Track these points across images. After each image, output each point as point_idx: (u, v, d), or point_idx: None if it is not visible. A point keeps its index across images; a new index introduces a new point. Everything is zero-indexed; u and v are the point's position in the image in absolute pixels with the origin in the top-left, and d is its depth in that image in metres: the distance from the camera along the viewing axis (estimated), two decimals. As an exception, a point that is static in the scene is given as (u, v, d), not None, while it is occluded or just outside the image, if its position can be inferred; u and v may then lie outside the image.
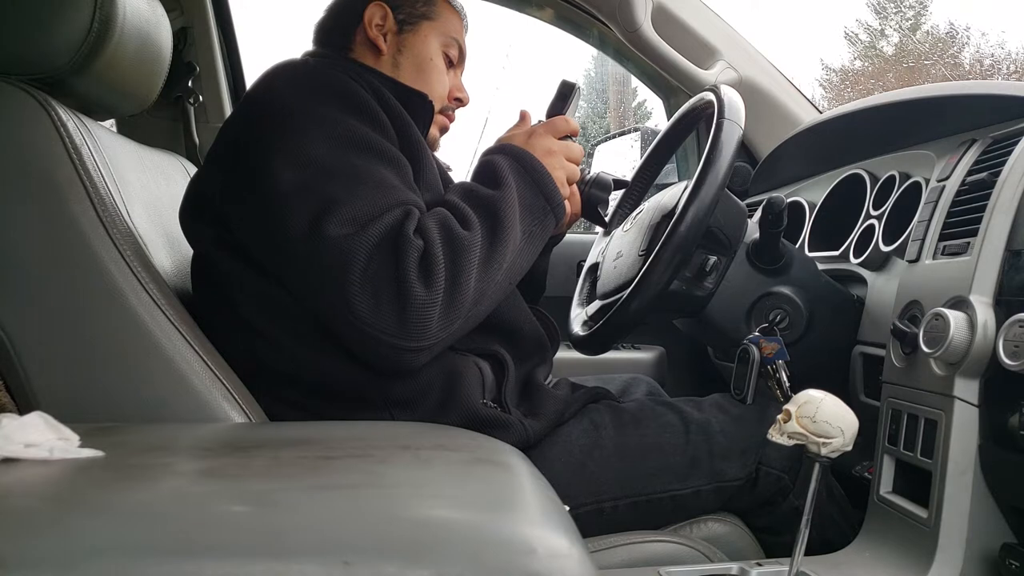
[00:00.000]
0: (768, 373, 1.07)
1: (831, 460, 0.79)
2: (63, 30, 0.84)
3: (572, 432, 1.02)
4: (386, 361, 0.86)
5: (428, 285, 0.82)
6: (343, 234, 0.83)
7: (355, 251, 0.82)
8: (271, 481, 0.54)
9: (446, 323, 0.84)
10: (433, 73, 1.10)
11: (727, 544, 1.04)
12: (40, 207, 0.80)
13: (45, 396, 0.80)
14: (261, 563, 0.40)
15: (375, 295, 0.82)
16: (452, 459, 0.64)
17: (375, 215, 0.84)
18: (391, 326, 0.82)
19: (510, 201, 0.91)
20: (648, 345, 1.79)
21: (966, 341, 0.86)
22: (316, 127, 0.89)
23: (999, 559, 0.85)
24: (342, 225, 0.83)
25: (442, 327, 0.84)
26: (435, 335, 0.84)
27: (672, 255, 0.99)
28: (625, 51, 1.75)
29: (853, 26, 14.58)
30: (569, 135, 1.03)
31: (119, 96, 0.98)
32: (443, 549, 0.42)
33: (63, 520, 0.44)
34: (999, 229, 0.90)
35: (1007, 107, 1.04)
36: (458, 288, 0.84)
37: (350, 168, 0.87)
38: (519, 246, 0.92)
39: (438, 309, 0.83)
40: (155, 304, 0.83)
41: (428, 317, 0.83)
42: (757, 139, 1.70)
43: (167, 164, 1.20)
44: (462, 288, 0.84)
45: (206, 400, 0.83)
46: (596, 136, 2.35)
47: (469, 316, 0.87)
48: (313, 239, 0.84)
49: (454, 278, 0.84)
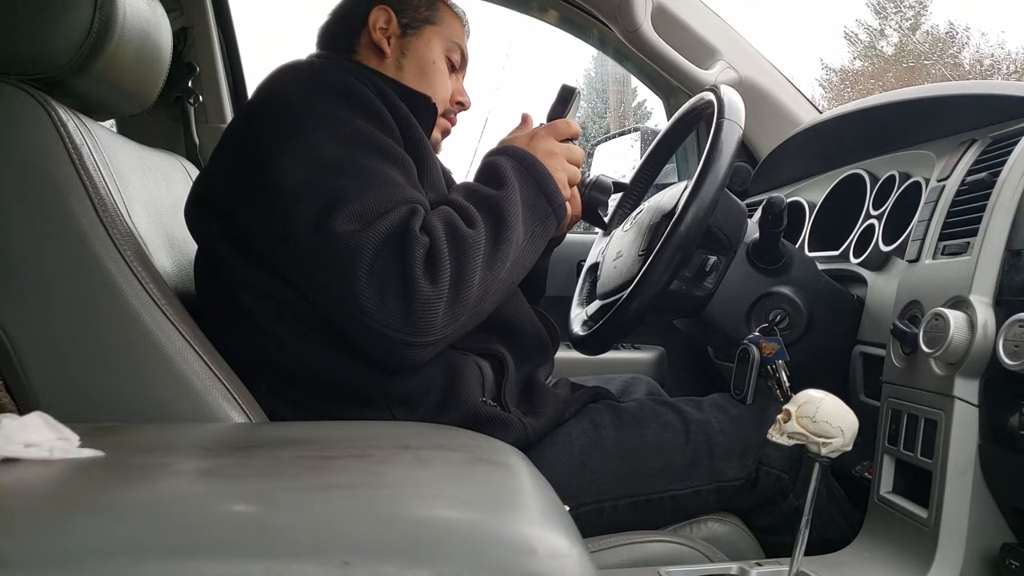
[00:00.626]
0: (768, 373, 1.07)
1: (831, 460, 0.79)
2: (63, 30, 0.84)
3: (572, 432, 1.02)
4: (391, 356, 0.87)
5: (433, 281, 0.83)
6: (350, 230, 0.83)
7: (362, 247, 0.83)
8: (270, 481, 0.54)
9: (451, 319, 0.85)
10: (436, 76, 1.11)
11: (727, 544, 1.04)
12: (40, 207, 0.80)
13: (45, 396, 0.80)
14: (260, 563, 0.40)
15: (381, 291, 0.83)
16: (452, 459, 0.64)
17: (381, 212, 0.85)
18: (396, 321, 0.83)
19: (513, 201, 0.92)
20: (648, 345, 1.79)
21: (966, 341, 0.86)
22: (323, 126, 0.90)
23: (999, 559, 0.85)
24: (349, 221, 0.84)
25: (447, 323, 0.85)
26: (440, 331, 0.85)
27: (672, 255, 1.00)
28: (625, 51, 1.75)
29: (853, 26, 14.60)
30: (570, 138, 1.04)
31: (119, 96, 0.98)
32: (443, 549, 0.42)
33: (63, 520, 0.44)
34: (999, 229, 0.90)
35: (1007, 107, 1.04)
36: (462, 285, 0.85)
37: (356, 166, 0.88)
38: (521, 245, 0.93)
39: (443, 305, 0.84)
40: (155, 304, 0.83)
41: (433, 313, 0.83)
42: (757, 139, 1.70)
43: (167, 164, 1.20)
44: (466, 285, 0.85)
45: (206, 400, 0.83)
46: (596, 136, 2.35)
47: (473, 313, 0.88)
48: (320, 235, 0.84)
49: (459, 275, 0.85)
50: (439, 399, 0.94)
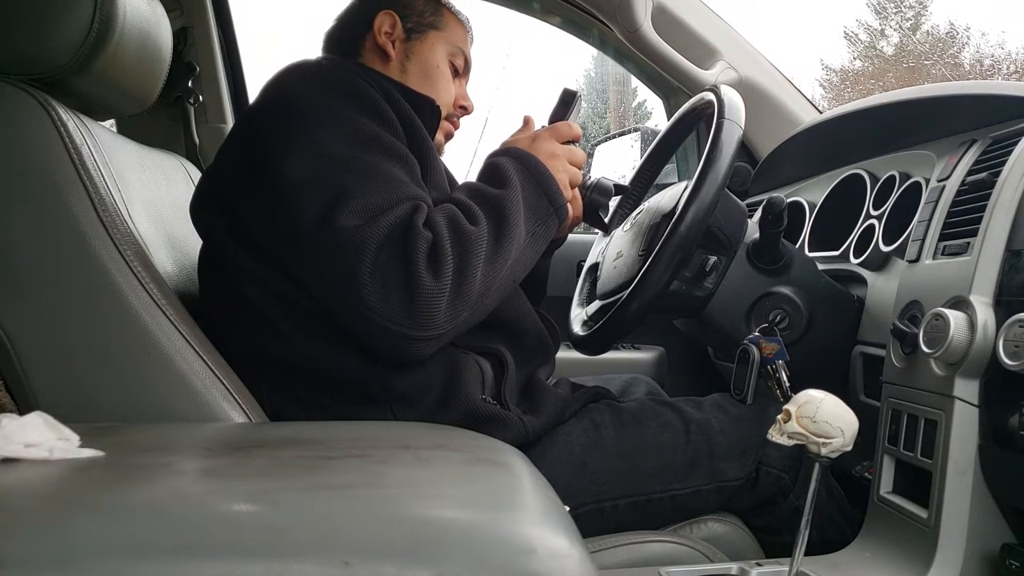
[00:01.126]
0: (768, 373, 1.07)
1: (831, 460, 0.79)
2: (63, 30, 0.84)
3: (572, 431, 1.03)
4: (393, 351, 0.87)
5: (436, 276, 0.84)
6: (354, 225, 0.84)
7: (366, 241, 0.84)
8: (270, 481, 0.54)
9: (453, 314, 0.86)
10: (440, 80, 1.12)
11: (727, 544, 1.04)
12: (40, 207, 0.80)
13: (45, 396, 0.80)
14: (260, 563, 0.40)
15: (384, 284, 0.83)
16: (452, 459, 0.64)
17: (385, 208, 0.86)
18: (399, 315, 0.84)
19: (515, 200, 0.93)
20: (648, 345, 1.79)
21: (966, 341, 0.86)
22: (328, 123, 0.91)
23: (999, 559, 0.85)
24: (353, 216, 0.85)
25: (449, 318, 0.86)
26: (442, 325, 0.86)
27: (672, 255, 1.00)
28: (625, 51, 1.75)
29: (853, 26, 14.59)
30: (572, 140, 1.05)
31: (119, 96, 0.98)
32: (443, 549, 0.42)
33: (63, 520, 0.44)
34: (999, 229, 0.90)
35: (1007, 107, 1.04)
36: (465, 280, 0.86)
37: (361, 163, 0.89)
38: (523, 244, 0.94)
39: (445, 300, 0.85)
40: (155, 304, 0.83)
41: (436, 307, 0.84)
42: (757, 139, 1.70)
43: (167, 164, 1.20)
44: (469, 280, 0.86)
45: (206, 400, 0.83)
46: (596, 136, 2.34)
47: (475, 309, 0.89)
48: (324, 229, 0.85)
49: (461, 270, 0.86)
50: (439, 396, 0.95)
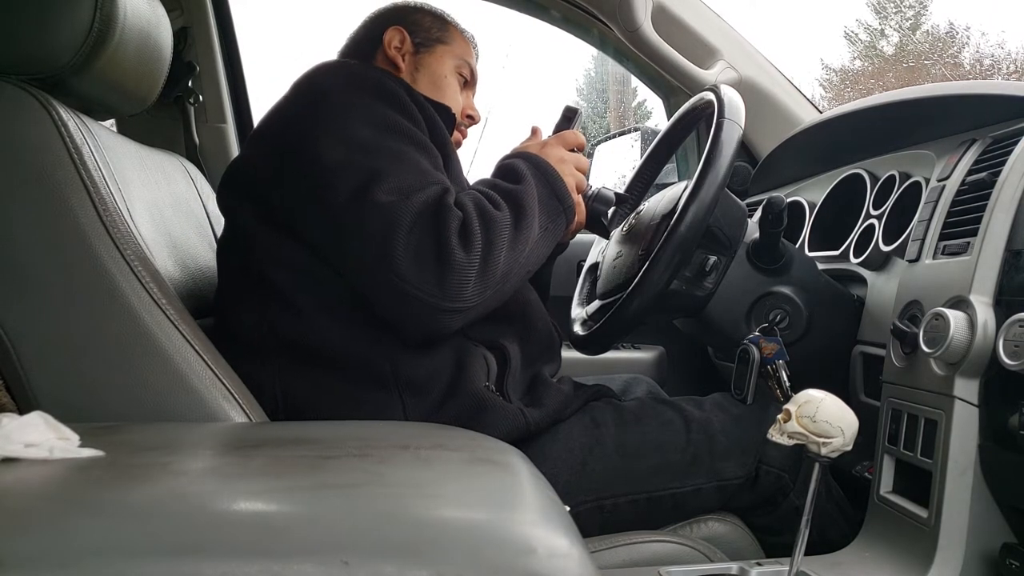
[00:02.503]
0: (768, 373, 1.07)
1: (831, 460, 0.79)
2: (64, 30, 0.84)
3: (573, 429, 1.03)
4: (422, 323, 0.90)
5: (467, 249, 0.88)
6: (389, 201, 0.88)
7: (400, 216, 0.87)
8: (270, 481, 0.54)
9: (480, 289, 0.89)
10: (448, 90, 1.18)
11: (727, 544, 1.04)
12: (40, 207, 0.80)
13: (45, 396, 0.80)
14: (260, 563, 0.40)
15: (417, 255, 0.87)
16: (452, 459, 0.64)
17: (417, 188, 0.90)
18: (430, 286, 0.87)
19: (531, 194, 0.98)
20: (648, 345, 1.78)
21: (966, 341, 0.86)
22: (358, 114, 0.96)
23: (999, 559, 0.86)
24: (388, 193, 0.89)
25: (477, 292, 0.89)
26: (470, 299, 0.89)
27: (672, 255, 1.00)
28: (625, 51, 1.75)
29: (853, 26, 14.59)
30: (577, 148, 1.11)
31: (119, 96, 0.98)
32: (442, 549, 0.42)
33: (63, 520, 0.44)
34: (999, 229, 0.90)
35: (1007, 107, 1.04)
36: (492, 257, 0.90)
37: (390, 151, 0.94)
38: (536, 238, 0.97)
39: (475, 273, 0.89)
40: (155, 304, 0.82)
41: (466, 280, 0.88)
42: (757, 139, 1.70)
43: (167, 164, 1.20)
44: (495, 258, 0.90)
45: (206, 400, 0.83)
46: (596, 136, 2.34)
47: (497, 290, 0.92)
48: (360, 204, 0.89)
49: (489, 247, 0.90)
50: (447, 385, 0.97)
